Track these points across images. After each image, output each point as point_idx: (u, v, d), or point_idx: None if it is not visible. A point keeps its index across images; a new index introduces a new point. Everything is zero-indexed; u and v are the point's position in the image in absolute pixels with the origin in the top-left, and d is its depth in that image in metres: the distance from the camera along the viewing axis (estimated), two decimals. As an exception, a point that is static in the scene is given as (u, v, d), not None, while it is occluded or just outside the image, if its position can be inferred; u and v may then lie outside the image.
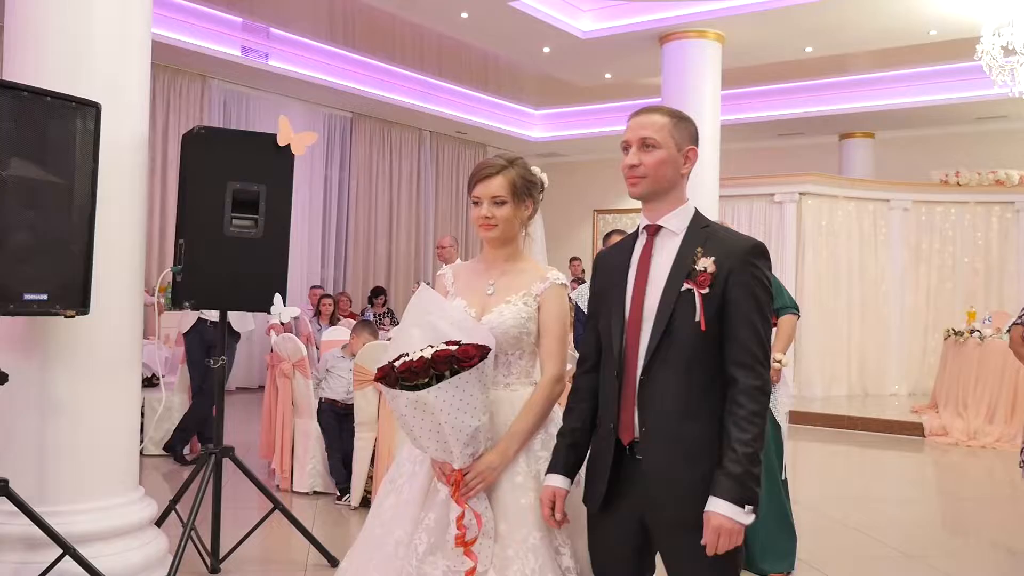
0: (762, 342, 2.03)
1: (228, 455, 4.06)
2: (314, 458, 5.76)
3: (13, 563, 3.34)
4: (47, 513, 3.29)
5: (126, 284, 3.66)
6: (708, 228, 2.12)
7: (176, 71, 10.46)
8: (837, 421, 9.44)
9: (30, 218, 3.05)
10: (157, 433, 6.95)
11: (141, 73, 3.73)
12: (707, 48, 8.98)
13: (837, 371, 10.99)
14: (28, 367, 3.45)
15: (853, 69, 11.53)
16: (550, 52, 9.85)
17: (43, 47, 3.48)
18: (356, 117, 12.84)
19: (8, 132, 2.96)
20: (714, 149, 9.07)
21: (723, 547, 1.93)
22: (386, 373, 2.21)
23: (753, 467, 1.95)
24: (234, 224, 3.84)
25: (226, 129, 4.48)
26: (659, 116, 2.11)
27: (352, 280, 12.80)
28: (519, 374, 2.43)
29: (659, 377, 2.04)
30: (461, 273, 2.59)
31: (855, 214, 11.18)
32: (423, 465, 2.37)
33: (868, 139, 13.54)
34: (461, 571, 2.20)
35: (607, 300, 2.19)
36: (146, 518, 3.76)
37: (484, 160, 2.54)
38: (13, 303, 3.01)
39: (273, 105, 11.52)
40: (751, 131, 13.39)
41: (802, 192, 10.91)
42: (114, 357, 3.62)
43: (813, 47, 9.45)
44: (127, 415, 3.71)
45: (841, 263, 11.04)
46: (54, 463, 3.47)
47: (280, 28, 10.52)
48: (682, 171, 2.13)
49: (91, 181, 3.25)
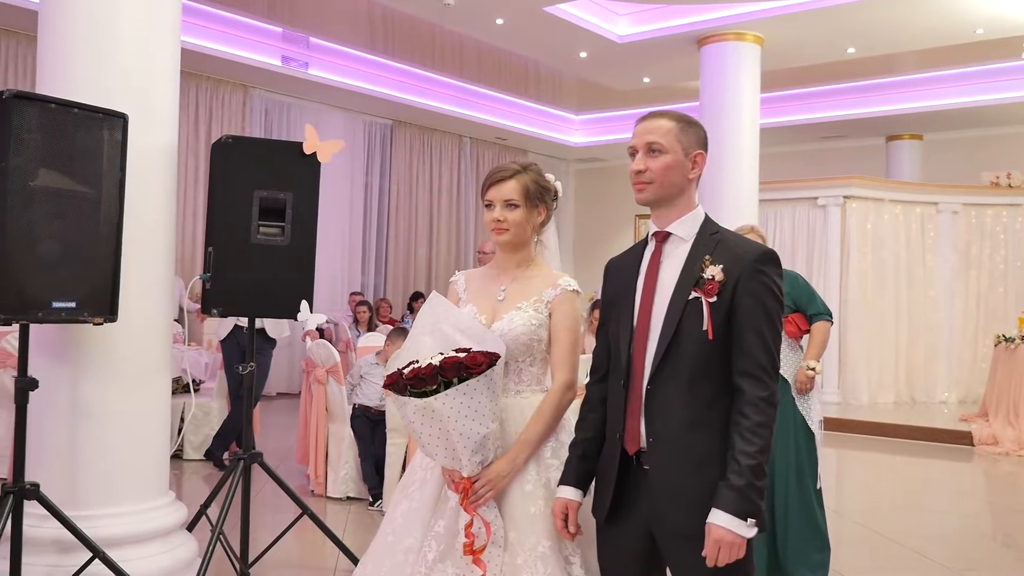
0: (770, 351, 1.98)
1: (257, 460, 4.09)
2: (347, 464, 5.80)
3: (46, 566, 3.40)
4: (78, 517, 3.34)
5: (155, 291, 3.72)
6: (718, 234, 2.08)
7: (218, 81, 10.64)
8: (883, 429, 9.25)
9: (58, 227, 3.10)
10: (197, 438, 7.06)
11: (170, 84, 3.79)
12: (746, 50, 8.87)
13: (884, 378, 10.77)
14: (59, 373, 3.52)
15: (899, 69, 11.30)
16: (587, 57, 9.82)
17: (73, 60, 3.55)
18: (396, 124, 12.94)
19: (36, 143, 3.02)
20: (753, 152, 8.96)
21: (723, 560, 1.89)
22: (395, 380, 2.21)
23: (757, 480, 1.90)
24: (261, 232, 3.87)
25: (253, 138, 4.54)
26: (665, 121, 2.07)
27: (392, 286, 12.89)
28: (530, 381, 2.41)
29: (666, 386, 2.01)
30: (473, 279, 2.58)
31: (902, 217, 10.95)
32: (434, 472, 2.36)
33: (916, 141, 13.26)
34: (470, 579, 2.19)
35: (616, 308, 2.17)
36: (176, 522, 3.81)
37: (498, 165, 2.54)
38: (42, 311, 3.06)
39: (314, 113, 11.66)
40: (794, 134, 13.20)
41: (846, 195, 10.71)
42: (144, 363, 3.67)
43: (855, 48, 9.28)
44: (157, 420, 3.76)
45: (887, 268, 10.82)
46: (85, 468, 3.53)
47: (320, 37, 10.64)
48: (690, 176, 2.09)
49: (119, 190, 3.30)
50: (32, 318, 3.07)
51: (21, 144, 2.97)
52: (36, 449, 3.55)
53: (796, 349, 4.42)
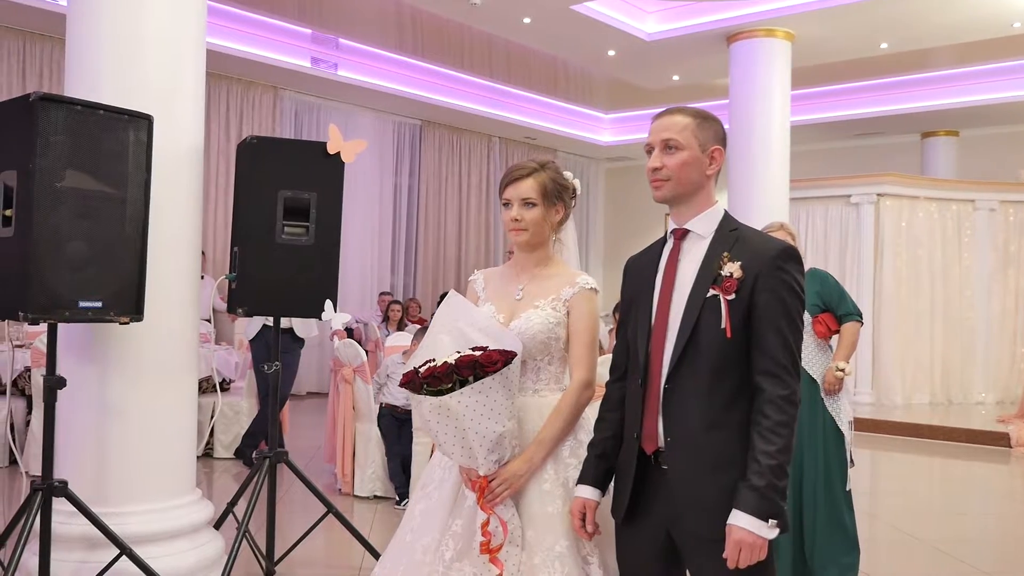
0: (790, 349, 1.94)
1: (283, 459, 4.11)
2: (374, 463, 5.82)
3: (74, 561, 3.45)
4: (105, 514, 3.38)
5: (181, 292, 3.75)
6: (737, 231, 2.04)
7: (249, 83, 10.73)
8: (918, 430, 9.10)
9: (85, 228, 3.14)
10: (227, 437, 7.13)
11: (195, 86, 3.82)
12: (776, 47, 8.77)
13: (919, 378, 10.60)
14: (88, 372, 3.56)
15: (934, 65, 11.12)
16: (615, 55, 9.77)
17: (99, 63, 3.59)
18: (425, 124, 12.97)
19: (63, 145, 3.05)
20: (784, 150, 8.85)
21: (744, 562, 1.86)
22: (411, 379, 2.20)
23: (778, 480, 1.87)
24: (286, 231, 3.89)
25: (277, 138, 4.56)
26: (682, 117, 2.05)
27: (422, 286, 12.93)
28: (548, 380, 2.39)
29: (684, 385, 1.98)
30: (492, 278, 2.57)
31: (937, 215, 10.77)
32: (452, 471, 2.36)
33: (952, 137, 13.04)
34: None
35: (635, 306, 2.14)
36: (202, 520, 3.84)
37: (516, 163, 2.52)
38: (69, 310, 3.10)
39: (344, 115, 11.73)
40: (827, 131, 13.04)
41: (880, 193, 10.55)
42: (170, 362, 3.71)
43: (888, 43, 9.15)
44: (183, 419, 3.79)
45: (922, 266, 10.64)
46: (112, 465, 3.57)
47: (348, 38, 10.70)
48: (707, 172, 2.06)
49: (144, 191, 3.33)
50: (60, 318, 3.11)
51: (48, 146, 3.01)
52: (65, 447, 3.61)
53: (825, 349, 4.35)
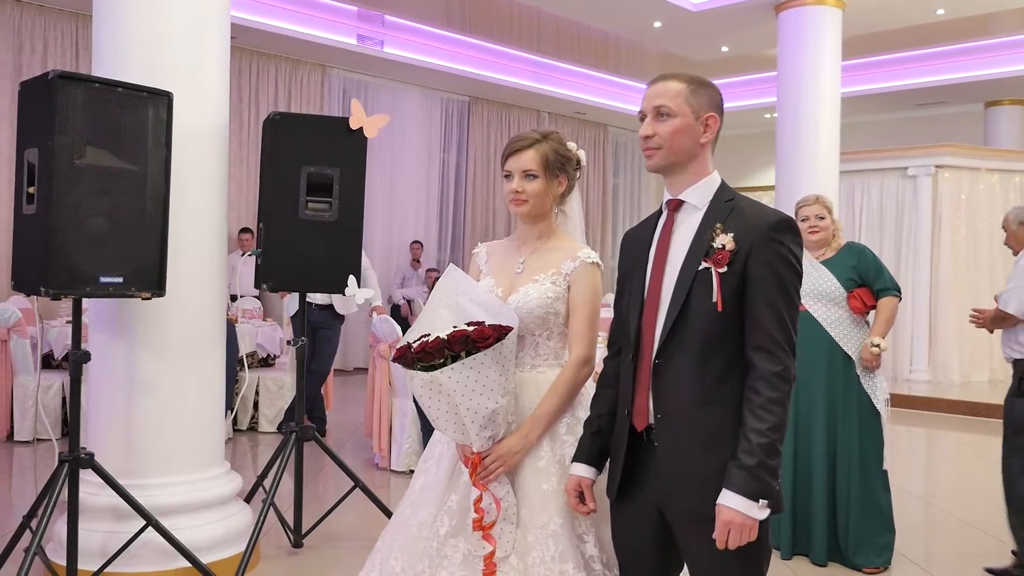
0: (784, 324, 1.86)
1: (309, 434, 4.15)
2: (410, 438, 5.85)
3: (103, 532, 3.53)
4: (132, 486, 3.45)
5: (207, 268, 3.79)
6: (732, 201, 1.97)
7: (296, 62, 10.81)
8: (974, 408, 8.85)
9: (105, 204, 3.18)
10: (271, 411, 7.26)
11: (220, 64, 3.84)
12: (826, 15, 8.49)
13: (977, 356, 10.27)
14: (116, 347, 3.64)
15: (998, 31, 10.67)
16: (661, 26, 9.59)
17: (126, 43, 3.63)
18: (473, 101, 12.92)
19: (82, 122, 3.09)
20: (834, 122, 8.59)
21: (733, 543, 1.80)
22: (403, 353, 2.18)
23: (769, 459, 1.80)
24: (309, 207, 3.91)
25: (300, 114, 4.57)
26: (675, 83, 1.97)
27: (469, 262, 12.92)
28: (547, 355, 2.35)
29: (675, 360, 1.92)
30: (495, 252, 2.54)
31: (999, 187, 10.37)
32: (451, 446, 2.34)
33: (1018, 106, 12.54)
34: (480, 555, 2.15)
35: (630, 280, 2.09)
36: (229, 492, 3.90)
37: (518, 134, 2.47)
38: (90, 285, 3.15)
39: (391, 92, 11.74)
40: (884, 101, 12.64)
41: (938, 165, 10.20)
42: (197, 337, 3.76)
43: (945, 9, 8.80)
44: (210, 393, 3.85)
45: (982, 239, 10.28)
46: (140, 438, 3.65)
47: (395, 15, 10.68)
48: (701, 140, 1.98)
49: (164, 168, 3.36)
50: (81, 293, 3.16)
51: (67, 123, 3.05)
52: (92, 420, 3.69)
53: (862, 325, 4.23)
